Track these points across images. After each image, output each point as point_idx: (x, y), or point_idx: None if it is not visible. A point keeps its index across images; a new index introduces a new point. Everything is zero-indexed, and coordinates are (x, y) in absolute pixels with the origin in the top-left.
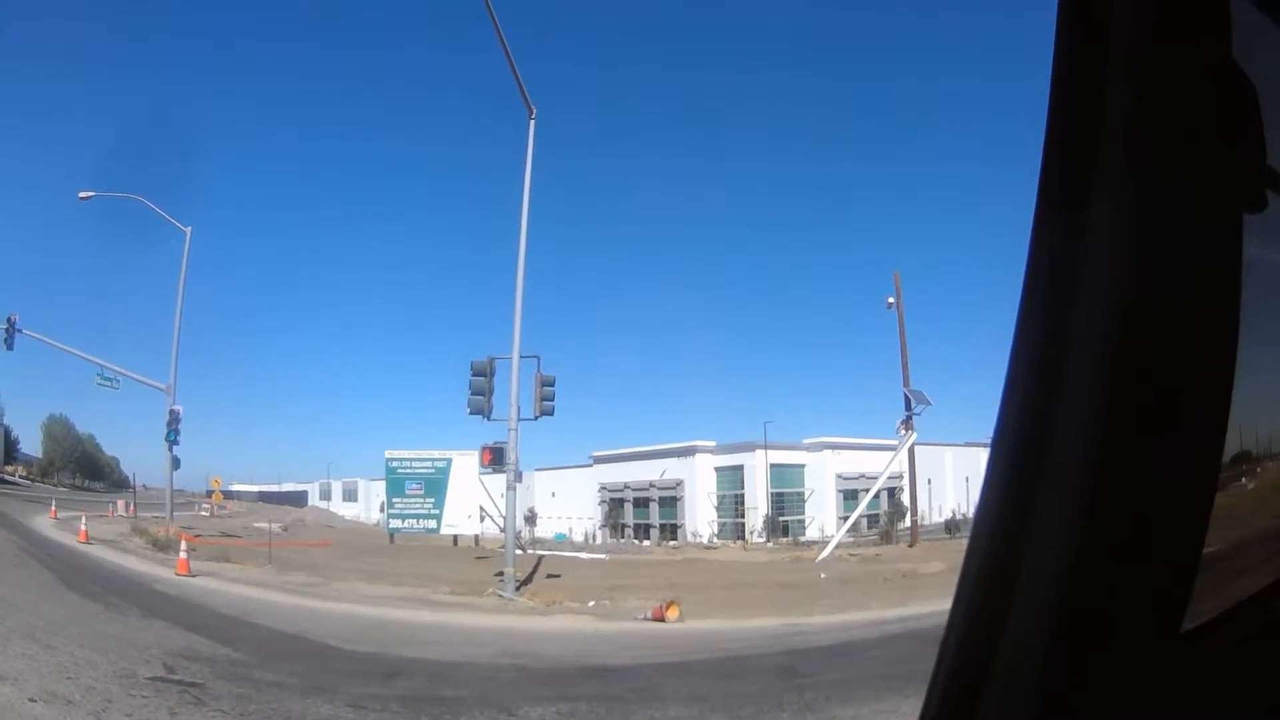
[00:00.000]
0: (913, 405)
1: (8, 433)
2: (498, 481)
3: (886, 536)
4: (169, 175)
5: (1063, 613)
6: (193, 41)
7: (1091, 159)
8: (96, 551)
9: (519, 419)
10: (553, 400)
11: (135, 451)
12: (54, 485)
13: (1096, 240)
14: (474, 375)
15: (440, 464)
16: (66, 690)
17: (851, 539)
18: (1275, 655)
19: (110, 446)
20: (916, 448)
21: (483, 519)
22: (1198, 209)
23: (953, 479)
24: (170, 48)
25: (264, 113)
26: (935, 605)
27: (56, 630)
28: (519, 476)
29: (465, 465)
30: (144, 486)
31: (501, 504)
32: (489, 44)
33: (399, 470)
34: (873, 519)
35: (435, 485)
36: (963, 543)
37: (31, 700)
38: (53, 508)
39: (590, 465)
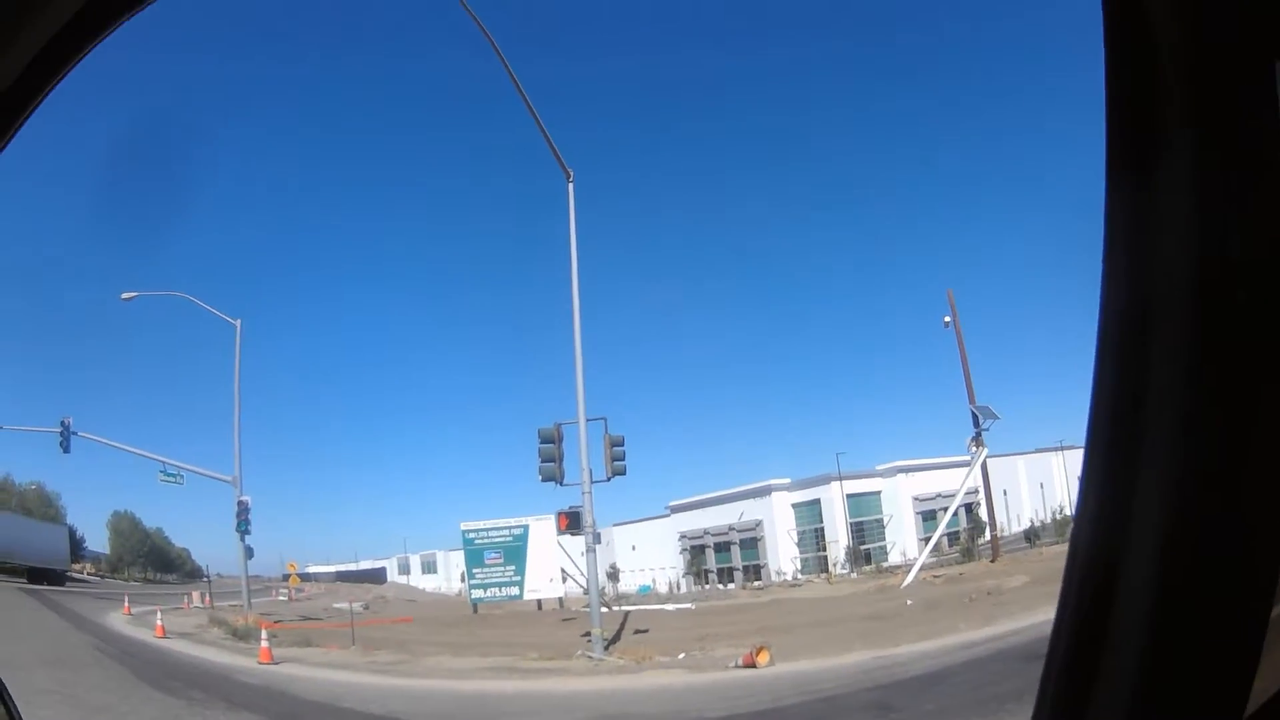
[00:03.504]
0: (981, 421)
1: (72, 532)
2: (577, 542)
3: (968, 554)
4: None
5: (1159, 605)
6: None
7: (1152, 122)
8: (175, 646)
9: (592, 481)
10: (623, 460)
11: (206, 541)
12: (125, 580)
13: (1169, 209)
14: (542, 443)
15: (517, 531)
16: None
17: (934, 559)
18: None
19: (180, 538)
20: (989, 460)
21: (565, 580)
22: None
23: (1028, 487)
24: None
25: (308, 200)
26: (1021, 621)
27: None
28: (597, 538)
29: (542, 530)
30: (218, 575)
31: (582, 564)
32: (523, 121)
33: (476, 541)
34: (953, 536)
35: (514, 552)
36: (1043, 551)
37: None
38: (125, 603)
39: (668, 515)
